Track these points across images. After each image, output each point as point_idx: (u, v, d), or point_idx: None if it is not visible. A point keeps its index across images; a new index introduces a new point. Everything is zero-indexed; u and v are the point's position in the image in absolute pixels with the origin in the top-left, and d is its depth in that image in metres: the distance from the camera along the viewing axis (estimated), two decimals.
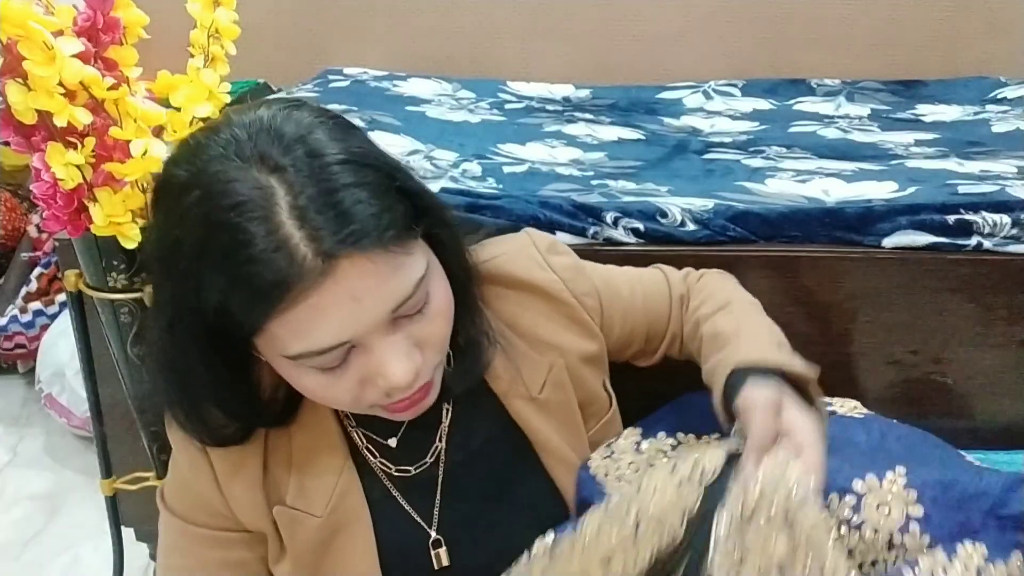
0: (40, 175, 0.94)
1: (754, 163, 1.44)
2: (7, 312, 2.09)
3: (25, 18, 0.83)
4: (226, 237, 0.53)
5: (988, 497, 0.69)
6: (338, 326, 0.55)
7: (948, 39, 2.23)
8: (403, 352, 0.58)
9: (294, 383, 0.61)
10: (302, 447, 0.69)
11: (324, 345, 0.55)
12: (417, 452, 0.73)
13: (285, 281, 0.52)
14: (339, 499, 0.69)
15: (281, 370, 0.60)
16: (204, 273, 0.54)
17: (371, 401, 0.61)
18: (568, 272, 0.78)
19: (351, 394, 0.59)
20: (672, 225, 1.10)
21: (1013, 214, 1.07)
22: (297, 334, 0.55)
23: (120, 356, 1.10)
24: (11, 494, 1.79)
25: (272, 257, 0.52)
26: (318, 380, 0.58)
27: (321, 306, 0.53)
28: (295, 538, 0.69)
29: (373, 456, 0.72)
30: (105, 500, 1.22)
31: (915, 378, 1.13)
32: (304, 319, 0.54)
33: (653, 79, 2.25)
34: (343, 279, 0.53)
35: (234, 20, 1.02)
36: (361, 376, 0.59)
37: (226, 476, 0.68)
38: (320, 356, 0.56)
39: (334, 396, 0.60)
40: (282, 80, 2.33)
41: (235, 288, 0.53)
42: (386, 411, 0.63)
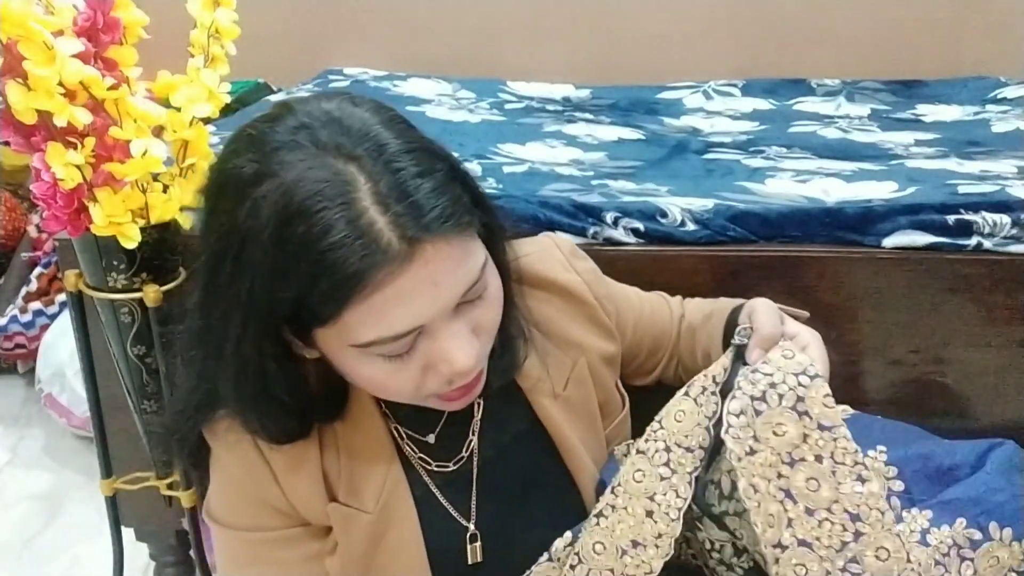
0: (40, 175, 0.94)
1: (754, 163, 1.44)
2: (7, 312, 2.09)
3: (25, 18, 0.83)
4: (305, 227, 0.52)
5: (964, 467, 0.71)
6: (416, 311, 0.55)
7: (948, 39, 2.23)
8: (465, 338, 0.59)
9: (353, 374, 0.60)
10: (350, 444, 0.70)
11: (400, 330, 0.56)
12: (453, 448, 0.74)
13: (370, 269, 0.52)
14: (388, 495, 0.70)
15: (342, 361, 0.60)
16: (280, 265, 0.53)
17: (431, 390, 0.61)
18: (589, 275, 0.81)
19: (413, 383, 0.60)
20: (672, 225, 1.10)
21: (1013, 214, 1.07)
22: (374, 321, 0.55)
23: (120, 356, 1.10)
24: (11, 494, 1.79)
25: (356, 245, 0.52)
26: (383, 369, 0.58)
27: (403, 292, 0.54)
28: (348, 535, 0.69)
29: (414, 453, 0.73)
30: (105, 500, 1.22)
31: (915, 378, 1.13)
32: (383, 306, 0.54)
33: (653, 79, 2.25)
34: (425, 264, 0.54)
35: (234, 20, 1.02)
36: (425, 363, 0.59)
37: (286, 473, 0.68)
38: (393, 342, 0.56)
39: (397, 385, 0.60)
40: (282, 80, 2.33)
41: (316, 277, 0.53)
42: (440, 401, 0.64)
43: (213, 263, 0.58)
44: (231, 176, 0.57)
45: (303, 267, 0.53)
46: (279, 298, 0.55)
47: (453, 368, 0.59)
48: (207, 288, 0.59)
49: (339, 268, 0.52)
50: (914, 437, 0.77)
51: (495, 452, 0.75)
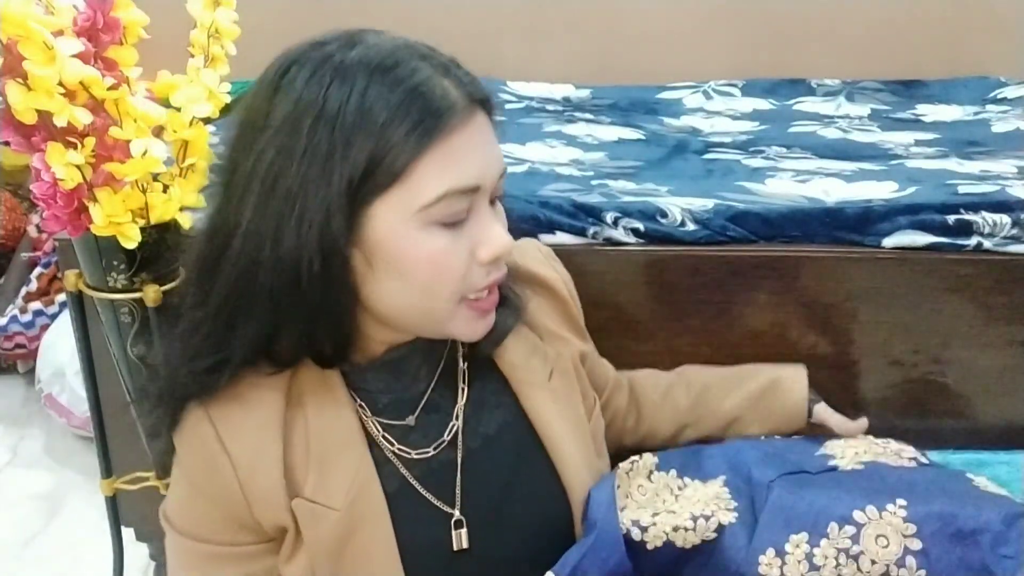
0: (40, 175, 0.94)
1: (754, 163, 1.44)
2: (7, 312, 2.09)
3: (25, 18, 0.83)
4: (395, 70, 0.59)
5: (988, 533, 0.68)
6: (480, 163, 0.62)
7: (948, 39, 2.23)
8: (502, 224, 0.66)
9: (409, 255, 0.61)
10: (320, 438, 0.69)
11: (468, 181, 0.61)
12: (434, 432, 0.74)
13: (448, 110, 0.59)
14: (358, 492, 0.69)
15: (397, 245, 0.61)
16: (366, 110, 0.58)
17: (473, 281, 0.64)
18: (566, 275, 0.85)
19: (465, 262, 0.63)
20: (672, 225, 1.10)
21: (1013, 214, 1.07)
22: (448, 167, 0.60)
23: (120, 356, 1.10)
24: (11, 494, 1.79)
25: (434, 87, 0.59)
26: (442, 241, 0.61)
27: (470, 142, 0.61)
28: (314, 532, 0.68)
29: (391, 445, 0.72)
30: (105, 500, 1.22)
31: (915, 378, 1.13)
32: (456, 153, 0.60)
33: (653, 79, 2.25)
34: (480, 127, 0.63)
35: (234, 20, 1.02)
36: (471, 242, 0.63)
37: (247, 469, 0.66)
38: (459, 199, 0.61)
39: (452, 263, 0.62)
40: None
41: (399, 116, 0.58)
42: (469, 313, 0.66)
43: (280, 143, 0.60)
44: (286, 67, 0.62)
45: (391, 104, 0.58)
46: (355, 158, 0.58)
47: (495, 246, 0.64)
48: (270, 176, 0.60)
49: (424, 100, 0.59)
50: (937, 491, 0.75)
51: (481, 441, 0.75)
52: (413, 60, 0.61)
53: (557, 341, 0.80)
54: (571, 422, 0.78)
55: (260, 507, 0.67)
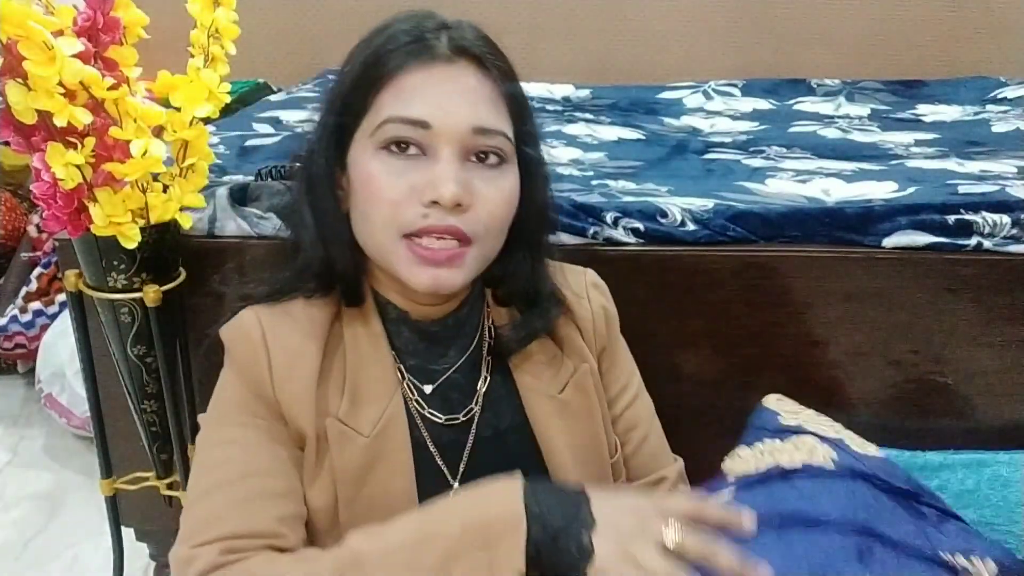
0: (40, 175, 0.94)
1: (754, 163, 1.44)
2: (7, 312, 2.09)
3: (25, 18, 0.83)
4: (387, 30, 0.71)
5: None
6: (436, 103, 0.67)
7: (948, 39, 2.24)
8: (455, 175, 0.66)
9: (363, 176, 0.68)
10: (356, 368, 0.72)
11: (415, 114, 0.66)
12: (448, 406, 0.76)
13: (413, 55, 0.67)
14: (385, 424, 0.71)
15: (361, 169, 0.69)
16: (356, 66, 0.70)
17: (409, 216, 0.67)
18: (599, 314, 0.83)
19: (400, 192, 0.67)
20: (672, 225, 1.10)
21: (1013, 214, 1.07)
22: (397, 98, 0.67)
23: (120, 356, 1.10)
24: (11, 494, 1.79)
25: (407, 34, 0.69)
26: (387, 166, 0.67)
27: (430, 82, 0.67)
28: (342, 454, 0.70)
29: (412, 394, 0.75)
30: (105, 500, 1.22)
31: (915, 378, 1.13)
32: (411, 88, 0.67)
33: (653, 79, 2.25)
34: (461, 74, 0.68)
35: (234, 20, 1.02)
36: (417, 181, 0.67)
37: (283, 371, 0.70)
38: (405, 126, 0.66)
39: (385, 187, 0.67)
40: (282, 80, 2.33)
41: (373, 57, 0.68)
42: (413, 251, 0.67)
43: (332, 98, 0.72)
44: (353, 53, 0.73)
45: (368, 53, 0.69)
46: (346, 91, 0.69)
47: (436, 189, 0.65)
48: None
49: (391, 47, 0.68)
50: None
51: (492, 433, 0.76)
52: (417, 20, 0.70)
53: (576, 355, 0.80)
54: (579, 440, 0.77)
55: (287, 407, 0.70)
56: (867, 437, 1.13)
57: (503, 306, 0.79)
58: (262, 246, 1.12)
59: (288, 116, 1.82)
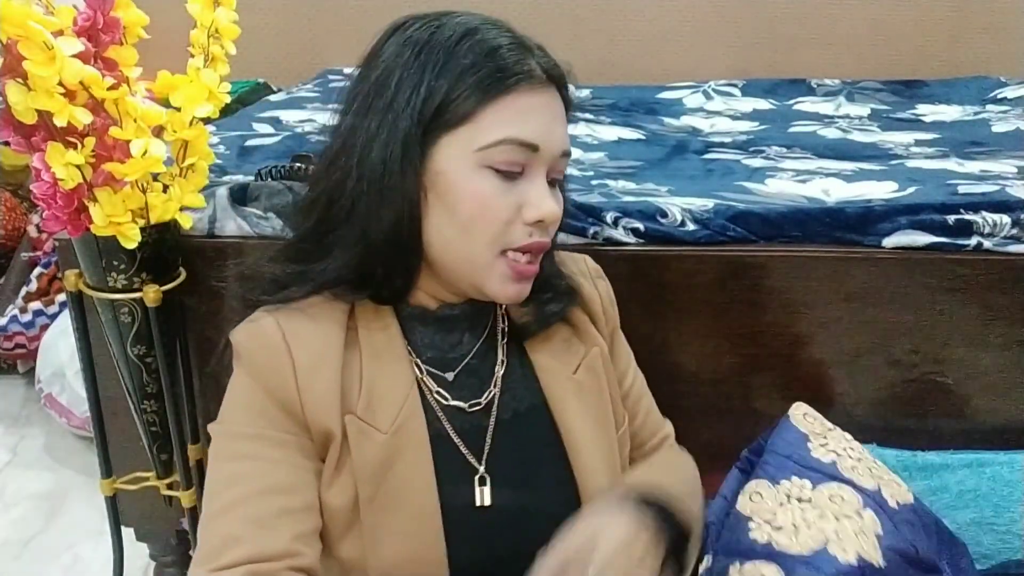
0: (40, 175, 0.94)
1: (754, 163, 1.44)
2: (7, 312, 2.09)
3: (25, 18, 0.83)
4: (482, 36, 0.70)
5: None
6: (542, 128, 0.69)
7: (948, 39, 2.24)
8: (552, 196, 0.71)
9: (460, 187, 0.68)
10: (373, 365, 0.73)
11: (526, 137, 0.68)
12: (469, 393, 0.77)
13: (520, 73, 0.68)
14: (403, 421, 0.72)
15: (455, 176, 0.68)
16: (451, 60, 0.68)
17: (513, 237, 0.70)
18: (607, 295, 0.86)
19: (508, 212, 0.69)
20: (672, 225, 1.10)
21: (1013, 214, 1.07)
22: (509, 120, 0.68)
23: (120, 356, 1.10)
24: (11, 494, 1.79)
25: (515, 52, 0.69)
26: (491, 185, 0.68)
27: (537, 107, 0.69)
28: (361, 451, 0.70)
29: (431, 388, 0.75)
30: (105, 500, 1.22)
31: (915, 378, 1.13)
32: (521, 109, 0.68)
33: (653, 79, 2.25)
34: (553, 100, 0.71)
35: (234, 20, 1.02)
36: (520, 200, 0.69)
37: (307, 371, 0.70)
38: (515, 149, 0.68)
39: (496, 208, 0.69)
40: (282, 80, 2.33)
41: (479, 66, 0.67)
42: (510, 267, 0.70)
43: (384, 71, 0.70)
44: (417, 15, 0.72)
45: (471, 58, 0.68)
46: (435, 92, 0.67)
47: (540, 210, 0.69)
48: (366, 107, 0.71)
49: (500, 60, 0.68)
50: None
51: (511, 415, 0.78)
52: (503, 30, 0.71)
53: (587, 338, 0.82)
54: (593, 418, 0.79)
55: (311, 408, 0.70)
56: (867, 437, 1.14)
57: None
58: (262, 246, 1.12)
59: (288, 116, 1.82)
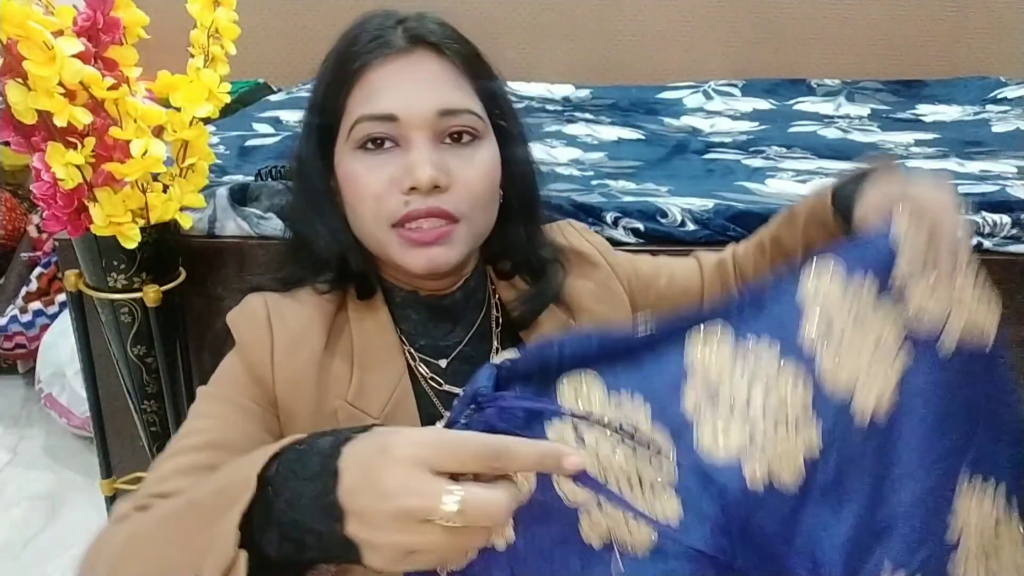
0: (40, 175, 0.94)
1: (754, 163, 1.44)
2: (7, 312, 2.09)
3: (25, 18, 0.83)
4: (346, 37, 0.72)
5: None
6: (399, 95, 0.69)
7: (948, 39, 2.24)
8: (429, 158, 0.68)
9: (346, 179, 0.70)
10: (363, 351, 0.74)
11: (381, 110, 0.68)
12: (464, 380, 0.75)
13: (372, 52, 0.69)
14: (394, 406, 0.72)
15: (345, 174, 0.71)
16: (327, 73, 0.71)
17: (392, 206, 0.69)
18: (603, 245, 0.87)
19: (379, 186, 0.69)
20: (672, 225, 1.10)
21: (1013, 214, 1.07)
22: (365, 99, 0.69)
23: (120, 356, 1.10)
24: (11, 494, 1.79)
25: (362, 36, 0.70)
26: (364, 164, 0.69)
27: (393, 76, 0.69)
28: None
29: (424, 374, 0.75)
30: (105, 500, 1.22)
31: None
32: (375, 85, 0.69)
33: (653, 79, 2.25)
34: (418, 61, 0.70)
35: (234, 20, 1.02)
36: (394, 172, 0.69)
37: (284, 349, 0.71)
38: (374, 123, 0.68)
39: (366, 184, 0.69)
40: (282, 80, 2.33)
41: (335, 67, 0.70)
42: (403, 237, 0.69)
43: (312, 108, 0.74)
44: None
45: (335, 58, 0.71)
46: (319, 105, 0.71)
47: (412, 175, 0.67)
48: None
49: (352, 49, 0.70)
50: None
51: None
52: (373, 19, 0.72)
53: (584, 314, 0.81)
54: None
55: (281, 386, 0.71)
56: None
57: (506, 279, 0.81)
58: (262, 246, 1.12)
59: (288, 116, 1.82)
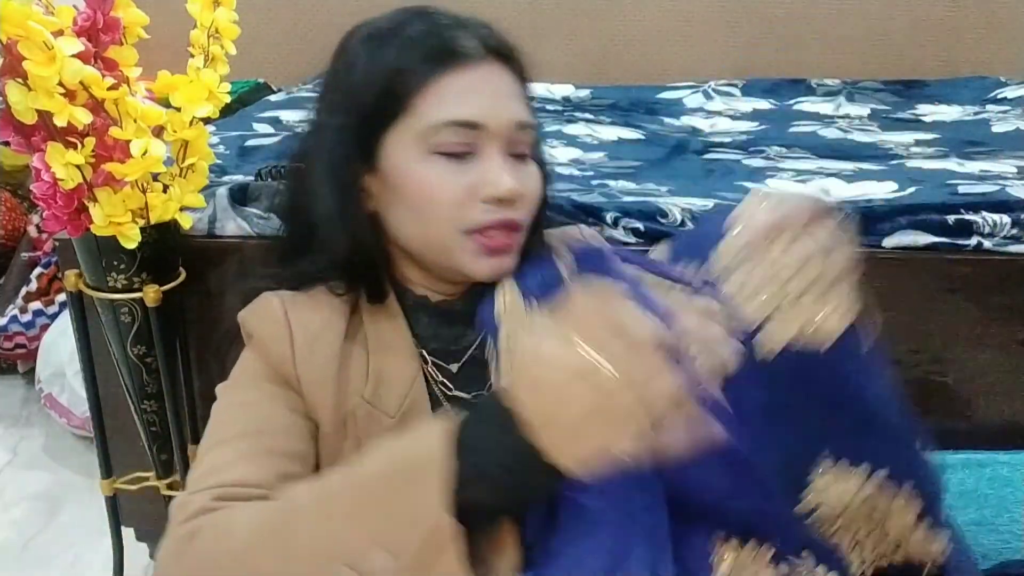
0: (40, 175, 0.94)
1: (754, 163, 1.44)
2: (7, 312, 2.09)
3: (25, 18, 0.83)
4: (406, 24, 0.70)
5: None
6: (484, 106, 0.69)
7: (948, 39, 2.23)
8: (509, 170, 0.69)
9: (409, 178, 0.69)
10: (379, 351, 0.73)
11: (468, 116, 0.68)
12: (474, 385, 0.76)
13: (453, 51, 0.68)
14: (410, 406, 0.73)
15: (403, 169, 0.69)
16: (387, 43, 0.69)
17: (471, 217, 0.69)
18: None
19: (460, 193, 0.69)
20: (672, 225, 1.10)
21: (1013, 214, 1.07)
22: (450, 101, 0.68)
23: (120, 356, 1.10)
24: (11, 494, 1.79)
25: (444, 32, 0.69)
26: (440, 169, 0.68)
27: (477, 84, 0.69)
28: (370, 435, 0.71)
29: (435, 377, 0.76)
30: (105, 500, 1.22)
31: (915, 378, 1.13)
32: (460, 89, 0.68)
33: (653, 79, 2.25)
34: (494, 75, 0.70)
35: (234, 20, 1.02)
36: (473, 181, 0.69)
37: (304, 346, 0.71)
38: (459, 130, 0.68)
39: (447, 190, 0.69)
40: (282, 80, 2.33)
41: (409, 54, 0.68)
42: (476, 247, 0.70)
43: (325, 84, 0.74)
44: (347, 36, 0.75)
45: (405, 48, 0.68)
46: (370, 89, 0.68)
47: (497, 187, 0.68)
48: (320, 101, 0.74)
49: (433, 45, 0.68)
50: None
51: None
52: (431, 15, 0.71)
53: None
54: None
55: (307, 380, 0.70)
56: None
57: None
58: (262, 246, 1.12)
59: (288, 116, 1.82)
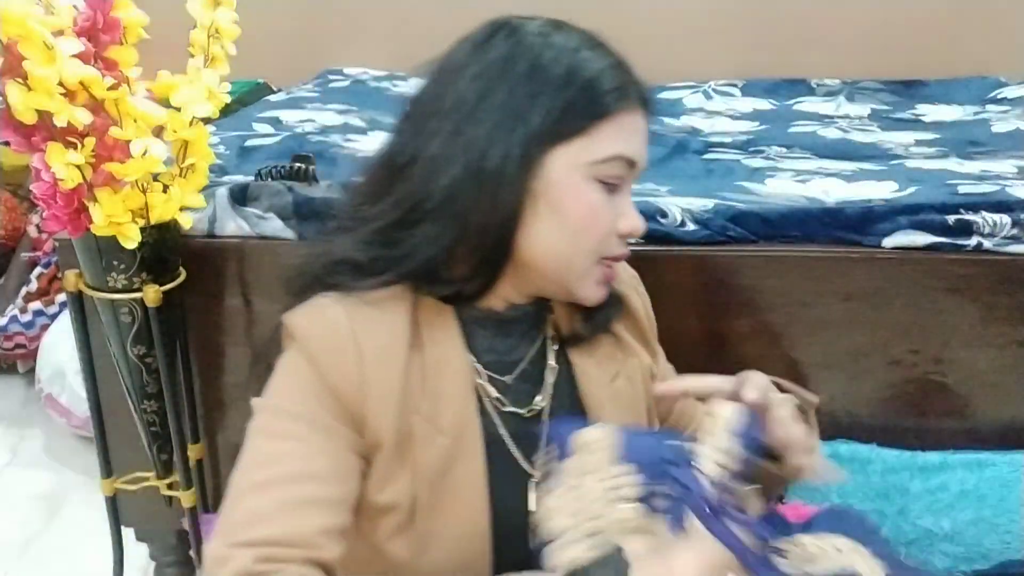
0: (40, 175, 0.95)
1: (754, 163, 1.44)
2: (7, 312, 2.09)
3: (25, 18, 0.83)
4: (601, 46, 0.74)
5: None
6: (640, 146, 0.73)
7: (948, 39, 2.23)
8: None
9: (570, 197, 0.70)
10: (436, 367, 0.72)
11: (631, 154, 0.71)
12: (524, 398, 0.77)
13: (632, 92, 0.72)
14: (462, 426, 0.72)
15: (565, 185, 0.70)
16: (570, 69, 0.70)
17: (613, 245, 0.74)
18: (647, 301, 0.89)
19: (610, 223, 0.72)
20: (672, 225, 1.10)
21: (1013, 214, 1.07)
22: (619, 137, 0.70)
23: (120, 356, 1.11)
24: (11, 494, 1.79)
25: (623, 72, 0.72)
26: (598, 197, 0.71)
27: (638, 127, 0.72)
28: (424, 453, 0.70)
29: (488, 394, 0.75)
30: (105, 500, 1.22)
31: (915, 378, 1.13)
32: (628, 128, 0.71)
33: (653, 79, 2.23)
34: (644, 119, 0.74)
35: (234, 20, 1.02)
36: (616, 212, 0.72)
37: (373, 363, 0.68)
38: (622, 165, 0.71)
39: (602, 218, 0.72)
40: (282, 80, 2.33)
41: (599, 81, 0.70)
42: (604, 272, 0.74)
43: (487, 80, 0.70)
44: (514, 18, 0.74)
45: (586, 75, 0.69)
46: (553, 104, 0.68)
47: (634, 222, 0.73)
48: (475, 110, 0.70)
49: (611, 80, 0.70)
50: None
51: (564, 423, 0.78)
52: (603, 44, 0.74)
53: (626, 348, 0.83)
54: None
55: (374, 402, 0.68)
56: (867, 437, 1.13)
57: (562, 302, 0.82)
58: (262, 246, 1.12)
59: (288, 116, 1.82)
